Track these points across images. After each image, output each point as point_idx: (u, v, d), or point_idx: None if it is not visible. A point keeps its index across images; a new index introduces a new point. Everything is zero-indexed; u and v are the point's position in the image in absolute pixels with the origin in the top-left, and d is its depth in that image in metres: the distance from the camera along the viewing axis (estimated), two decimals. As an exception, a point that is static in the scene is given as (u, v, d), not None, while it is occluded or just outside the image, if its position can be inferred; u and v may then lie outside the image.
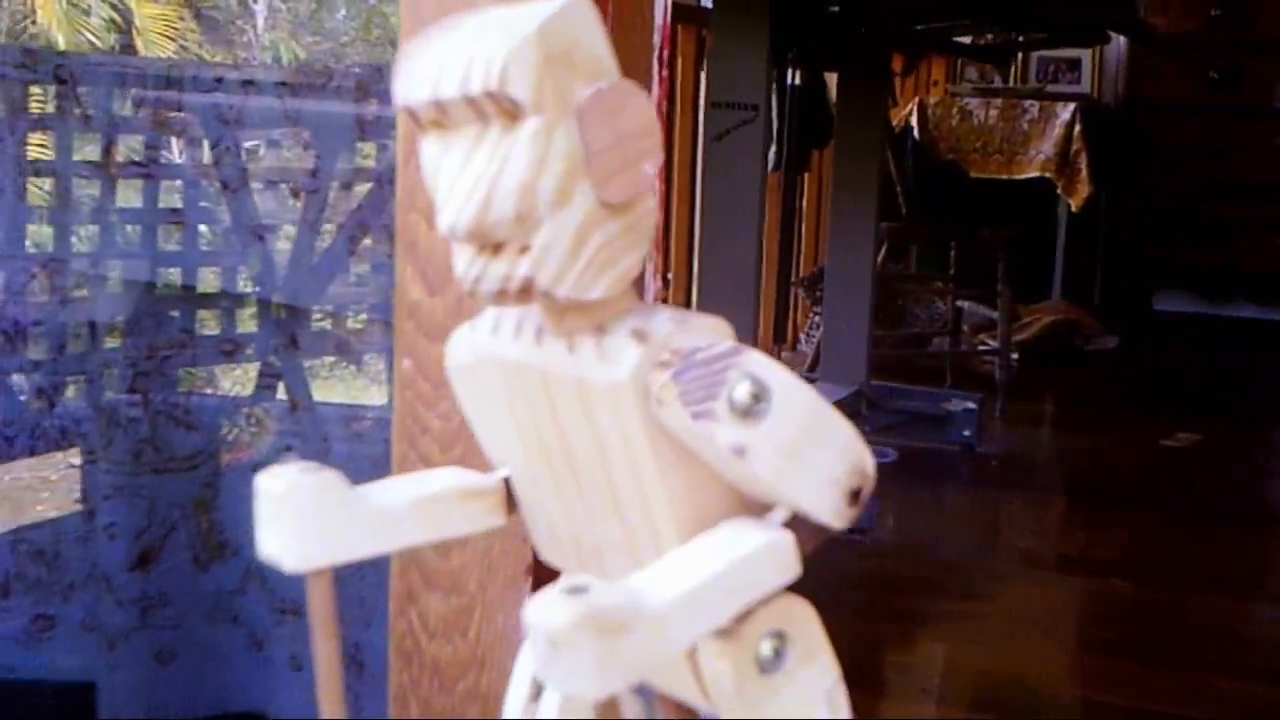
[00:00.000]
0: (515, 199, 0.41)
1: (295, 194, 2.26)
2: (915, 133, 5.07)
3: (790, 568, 0.43)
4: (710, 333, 0.43)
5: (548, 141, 0.41)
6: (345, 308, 2.29)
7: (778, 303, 3.88)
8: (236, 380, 2.31)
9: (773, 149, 3.62)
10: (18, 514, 2.16)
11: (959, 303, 4.59)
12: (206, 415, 1.96)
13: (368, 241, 2.18)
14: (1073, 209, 5.16)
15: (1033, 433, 4.28)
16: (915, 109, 5.19)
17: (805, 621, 0.44)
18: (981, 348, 4.74)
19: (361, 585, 1.69)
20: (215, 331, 2.21)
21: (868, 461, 0.43)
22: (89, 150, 2.08)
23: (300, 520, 0.46)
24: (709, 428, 0.41)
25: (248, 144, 2.22)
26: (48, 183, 2.08)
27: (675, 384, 0.41)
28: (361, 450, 1.96)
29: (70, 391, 2.00)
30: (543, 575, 0.52)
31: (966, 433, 3.66)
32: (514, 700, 0.51)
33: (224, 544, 1.75)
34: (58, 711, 1.81)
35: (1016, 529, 3.36)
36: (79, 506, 1.88)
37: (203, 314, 2.22)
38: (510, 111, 0.41)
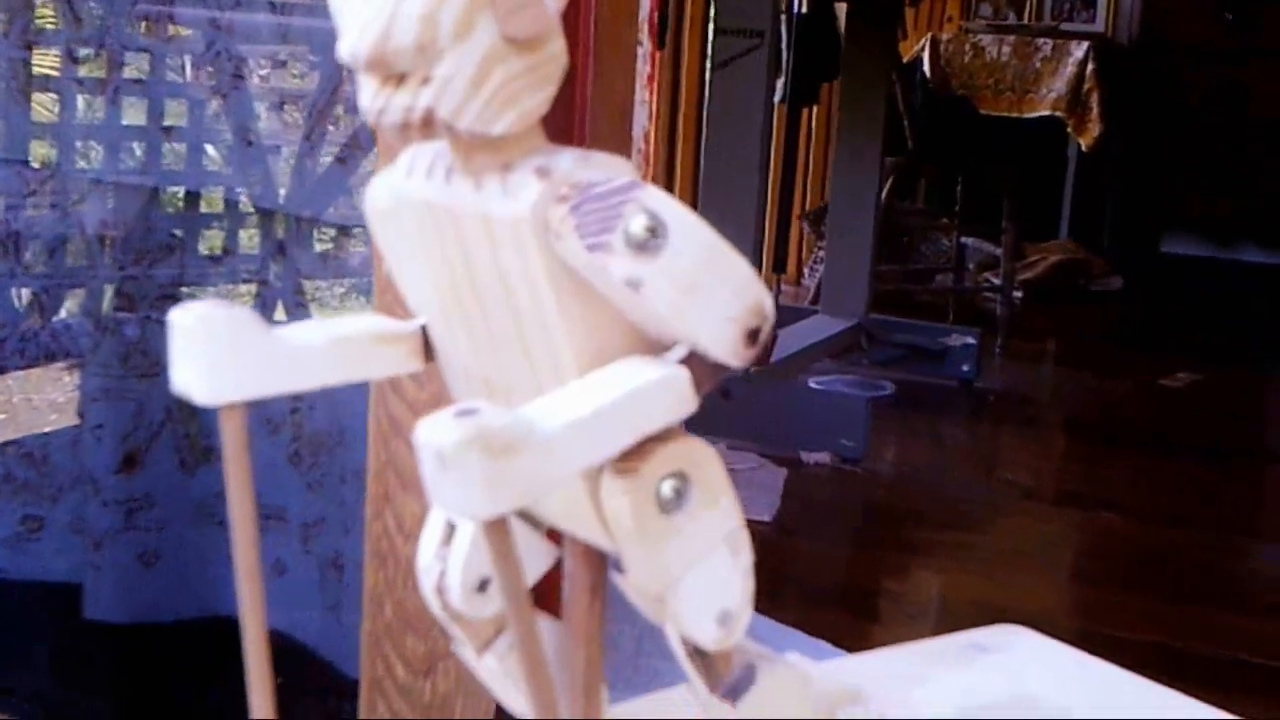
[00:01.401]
0: (416, 28, 0.41)
1: (295, 111, 2.25)
2: (926, 67, 5.04)
3: (685, 403, 0.43)
4: (612, 168, 0.43)
5: (450, -29, 0.41)
6: (346, 228, 2.29)
7: (778, 234, 3.87)
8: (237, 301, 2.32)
9: (780, 80, 3.60)
10: (24, 433, 2.17)
11: (964, 239, 4.58)
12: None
13: (368, 164, 2.18)
14: (1083, 148, 5.14)
15: (1033, 369, 4.28)
16: (928, 44, 5.16)
17: (708, 464, 0.45)
18: (984, 285, 4.74)
19: (342, 490, 1.71)
20: (211, 248, 2.21)
21: (766, 302, 0.43)
22: (83, 57, 2.09)
23: (211, 354, 0.46)
24: (604, 260, 0.41)
25: (250, 60, 2.22)
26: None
27: (572, 217, 0.42)
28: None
29: (64, 300, 2.01)
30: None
31: (965, 368, 3.66)
32: (426, 545, 0.51)
33: (210, 448, 1.76)
34: (46, 612, 1.83)
35: (1013, 463, 3.38)
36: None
37: (198, 230, 2.22)
38: (413, -60, 0.41)
